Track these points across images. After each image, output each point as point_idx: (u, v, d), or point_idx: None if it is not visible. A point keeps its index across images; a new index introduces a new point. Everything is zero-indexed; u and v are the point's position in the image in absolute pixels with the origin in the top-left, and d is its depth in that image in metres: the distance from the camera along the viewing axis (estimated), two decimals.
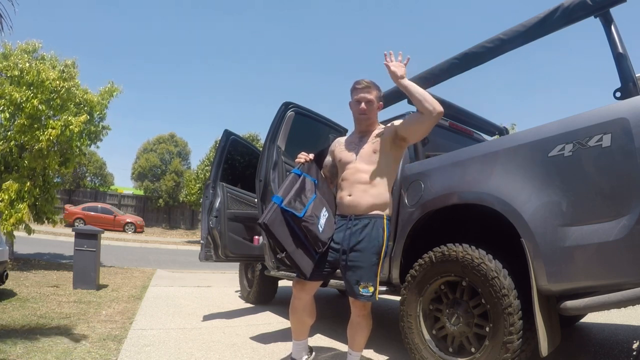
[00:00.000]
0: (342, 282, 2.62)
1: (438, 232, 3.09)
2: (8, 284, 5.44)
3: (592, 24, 2.49)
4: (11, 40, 8.08)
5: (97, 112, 8.51)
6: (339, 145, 2.74)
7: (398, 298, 3.12)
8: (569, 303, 2.22)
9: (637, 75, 2.32)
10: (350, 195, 2.52)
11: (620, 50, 2.35)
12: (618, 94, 2.31)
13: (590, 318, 4.71)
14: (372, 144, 2.55)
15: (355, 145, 2.62)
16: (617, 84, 2.35)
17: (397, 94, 3.73)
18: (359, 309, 2.55)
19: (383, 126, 2.68)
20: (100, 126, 8.68)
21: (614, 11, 2.43)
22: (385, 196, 2.52)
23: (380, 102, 2.66)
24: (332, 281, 3.23)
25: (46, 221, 8.39)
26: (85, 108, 8.26)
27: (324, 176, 2.82)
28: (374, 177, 2.50)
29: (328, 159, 2.85)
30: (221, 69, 71.38)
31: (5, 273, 5.03)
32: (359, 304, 2.52)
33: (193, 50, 69.64)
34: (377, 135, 2.57)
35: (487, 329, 2.47)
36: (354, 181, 2.52)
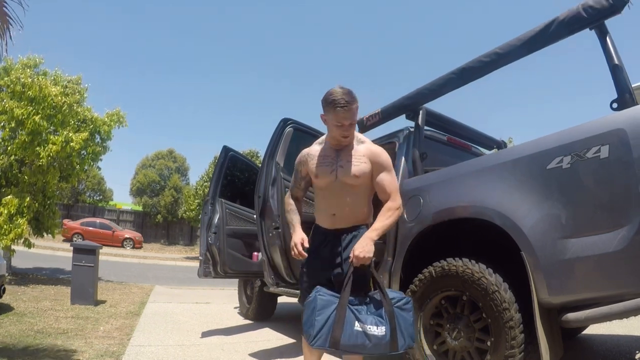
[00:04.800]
0: None
1: (437, 247, 3.09)
2: (5, 299, 5.40)
3: (587, 36, 2.52)
4: (12, 53, 8.15)
5: (104, 133, 8.55)
6: (311, 159, 2.44)
7: None
8: (571, 315, 2.22)
9: (633, 86, 2.34)
10: (334, 215, 2.36)
11: (616, 61, 2.37)
12: (615, 105, 2.32)
13: (593, 329, 4.67)
14: (354, 165, 2.32)
15: (332, 160, 2.36)
16: (612, 95, 2.38)
17: (396, 109, 3.76)
18: None
19: (361, 136, 2.47)
20: (103, 146, 8.72)
21: (609, 22, 2.46)
22: (367, 209, 2.42)
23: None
24: None
25: (45, 233, 8.38)
26: (91, 126, 8.31)
27: (297, 197, 2.57)
28: (358, 197, 2.36)
29: (298, 175, 2.54)
30: (221, 85, 71.84)
31: (2, 287, 5.00)
32: None
33: (193, 66, 70.16)
34: (360, 157, 2.34)
35: (489, 343, 2.45)
36: (338, 202, 2.35)
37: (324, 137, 2.50)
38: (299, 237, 2.34)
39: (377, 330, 2.12)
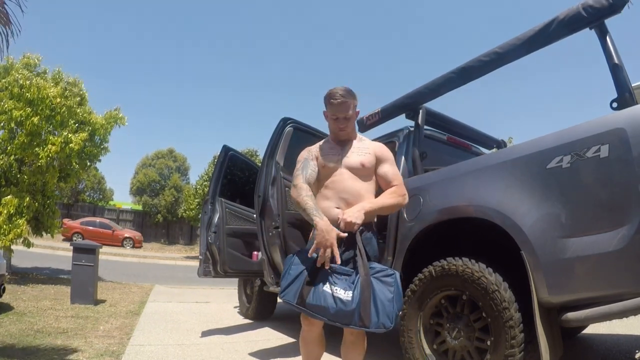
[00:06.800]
0: None
1: (437, 246, 3.09)
2: (5, 298, 5.40)
3: (587, 35, 2.52)
4: (11, 54, 8.11)
5: (100, 135, 8.52)
6: (316, 151, 2.47)
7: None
8: (571, 314, 2.21)
9: (633, 85, 2.34)
10: (338, 208, 2.29)
11: (616, 60, 2.37)
12: (615, 104, 2.32)
13: (593, 329, 4.67)
14: (359, 155, 2.38)
15: (338, 151, 2.41)
16: (612, 95, 2.37)
17: (396, 109, 3.76)
18: None
19: (363, 137, 2.54)
20: (101, 147, 8.71)
21: (609, 22, 2.46)
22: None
23: (357, 110, 2.43)
24: None
25: (45, 232, 8.38)
26: (88, 128, 8.29)
27: (311, 183, 2.38)
28: (362, 189, 2.34)
29: (311, 162, 2.43)
30: (221, 85, 71.85)
31: (2, 287, 5.00)
32: None
33: (193, 66, 70.19)
34: (365, 148, 2.42)
35: (489, 342, 2.45)
36: (341, 191, 2.31)
37: (327, 137, 2.57)
38: (335, 232, 2.11)
39: (344, 294, 2.02)
